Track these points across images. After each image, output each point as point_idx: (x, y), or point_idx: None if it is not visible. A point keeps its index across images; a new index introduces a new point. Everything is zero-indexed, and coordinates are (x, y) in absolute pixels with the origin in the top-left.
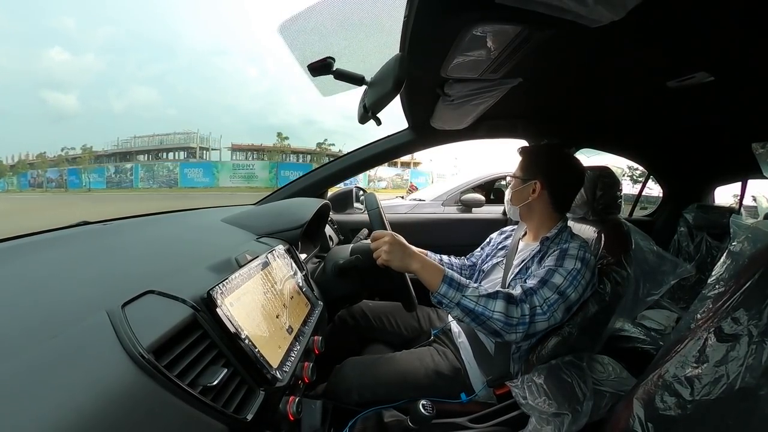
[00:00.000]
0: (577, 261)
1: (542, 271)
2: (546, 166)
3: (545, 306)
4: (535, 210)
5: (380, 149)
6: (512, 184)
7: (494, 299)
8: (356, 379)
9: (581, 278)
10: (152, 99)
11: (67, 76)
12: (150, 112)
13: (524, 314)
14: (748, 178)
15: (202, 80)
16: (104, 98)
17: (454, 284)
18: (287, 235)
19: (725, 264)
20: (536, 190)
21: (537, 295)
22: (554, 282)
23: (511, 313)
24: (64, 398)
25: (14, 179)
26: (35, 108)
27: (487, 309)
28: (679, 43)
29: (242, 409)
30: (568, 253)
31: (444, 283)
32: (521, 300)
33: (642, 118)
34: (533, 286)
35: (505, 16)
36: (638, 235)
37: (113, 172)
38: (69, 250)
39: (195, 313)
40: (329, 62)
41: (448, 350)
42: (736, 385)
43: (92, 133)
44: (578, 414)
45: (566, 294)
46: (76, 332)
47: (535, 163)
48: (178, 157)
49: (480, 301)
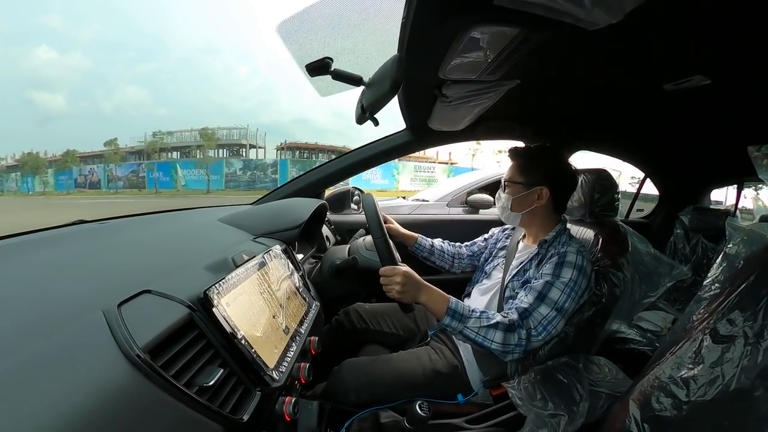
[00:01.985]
0: (574, 270)
1: (539, 283)
2: (552, 170)
3: (541, 326)
4: (537, 215)
5: (378, 150)
6: (511, 190)
7: (494, 329)
8: (354, 381)
9: (578, 288)
10: (142, 98)
11: (54, 75)
12: (139, 111)
13: (521, 338)
14: (743, 180)
15: (192, 79)
16: (92, 98)
17: (457, 316)
18: (284, 235)
19: (721, 266)
20: (542, 196)
21: (532, 316)
22: (551, 297)
23: (508, 341)
24: (59, 398)
25: (51, 178)
26: (21, 109)
27: (486, 339)
28: (675, 47)
29: (238, 409)
30: (566, 260)
31: (447, 315)
32: (518, 326)
33: (638, 121)
34: (529, 307)
35: (503, 18)
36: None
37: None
38: (65, 249)
39: (191, 313)
40: (327, 62)
41: (446, 348)
42: (731, 386)
43: (95, 133)
44: (574, 415)
45: (564, 308)
46: (72, 332)
47: (538, 166)
48: (221, 155)
49: (480, 331)
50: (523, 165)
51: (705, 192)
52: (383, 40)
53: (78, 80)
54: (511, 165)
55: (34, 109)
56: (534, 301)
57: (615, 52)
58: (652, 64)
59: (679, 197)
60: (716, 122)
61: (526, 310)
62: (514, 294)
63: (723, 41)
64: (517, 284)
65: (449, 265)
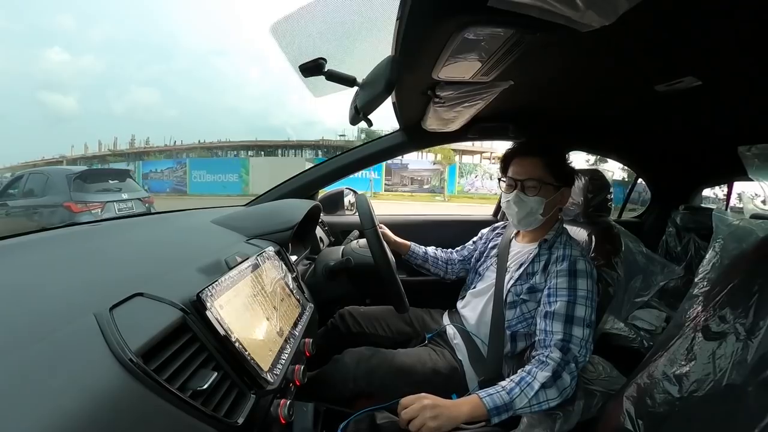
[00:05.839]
0: (588, 279)
1: (561, 305)
2: (570, 173)
3: (584, 349)
4: (552, 215)
5: (371, 151)
6: (543, 192)
7: (543, 391)
8: (353, 369)
9: (594, 296)
10: (153, 100)
11: (66, 77)
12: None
13: (572, 372)
14: (734, 180)
15: (203, 81)
16: (103, 99)
17: (502, 408)
18: (278, 236)
19: (711, 262)
20: (564, 196)
21: (572, 344)
22: (579, 316)
23: (563, 387)
24: (50, 404)
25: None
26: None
27: (542, 404)
28: (667, 48)
29: (233, 413)
30: (577, 270)
31: (493, 417)
32: (565, 363)
33: (631, 121)
34: (564, 336)
35: (497, 19)
36: (628, 237)
37: None
38: (56, 252)
39: (184, 316)
40: (321, 63)
41: (445, 350)
42: (723, 382)
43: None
44: (570, 413)
45: (592, 320)
46: (63, 336)
47: (563, 164)
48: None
49: (532, 402)
50: (551, 162)
51: (697, 191)
52: (377, 41)
53: (90, 83)
54: (533, 162)
55: (46, 111)
56: (565, 327)
57: (608, 54)
58: (644, 65)
59: (670, 197)
60: (707, 123)
61: (564, 342)
62: (519, 300)
63: (714, 43)
64: (521, 290)
65: (443, 272)
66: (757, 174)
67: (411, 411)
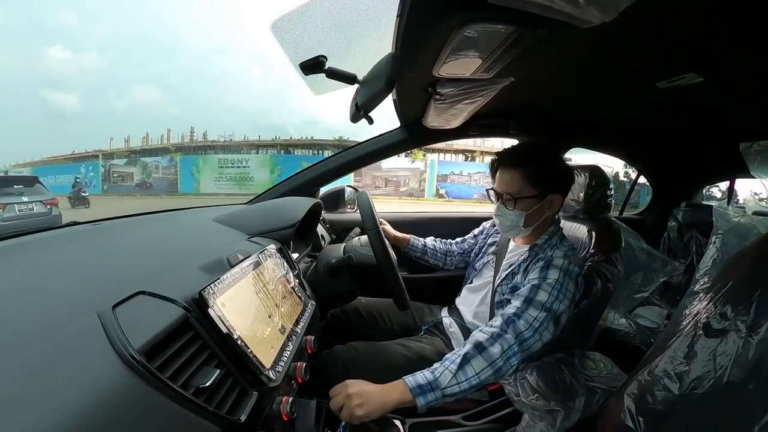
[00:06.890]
0: (560, 272)
1: (526, 289)
2: (557, 173)
3: (533, 328)
4: (543, 222)
5: (372, 148)
6: (522, 205)
7: (467, 363)
8: (343, 354)
9: (565, 290)
10: (155, 98)
11: (68, 74)
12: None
13: (509, 345)
14: (735, 177)
15: (205, 79)
16: (106, 98)
17: (425, 387)
18: (279, 234)
19: (711, 257)
20: (553, 203)
21: (522, 319)
22: (539, 300)
23: (492, 358)
24: (54, 403)
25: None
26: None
27: (471, 379)
28: (669, 45)
29: (235, 410)
30: (552, 263)
31: (417, 396)
32: (501, 333)
33: (632, 118)
34: (517, 311)
35: (498, 16)
36: (628, 233)
37: None
38: (58, 251)
39: (187, 314)
40: (321, 60)
41: (437, 339)
42: (723, 379)
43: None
44: (571, 410)
45: (553, 309)
46: (66, 335)
47: (545, 172)
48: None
49: (460, 378)
50: (531, 174)
51: (698, 188)
52: (377, 38)
53: (92, 80)
54: (511, 174)
55: (48, 109)
56: (522, 305)
57: (609, 50)
58: (646, 62)
59: (672, 194)
60: (709, 119)
61: (513, 315)
62: (504, 300)
63: (715, 40)
64: (506, 289)
65: (442, 263)
66: (759, 171)
67: (337, 400)
